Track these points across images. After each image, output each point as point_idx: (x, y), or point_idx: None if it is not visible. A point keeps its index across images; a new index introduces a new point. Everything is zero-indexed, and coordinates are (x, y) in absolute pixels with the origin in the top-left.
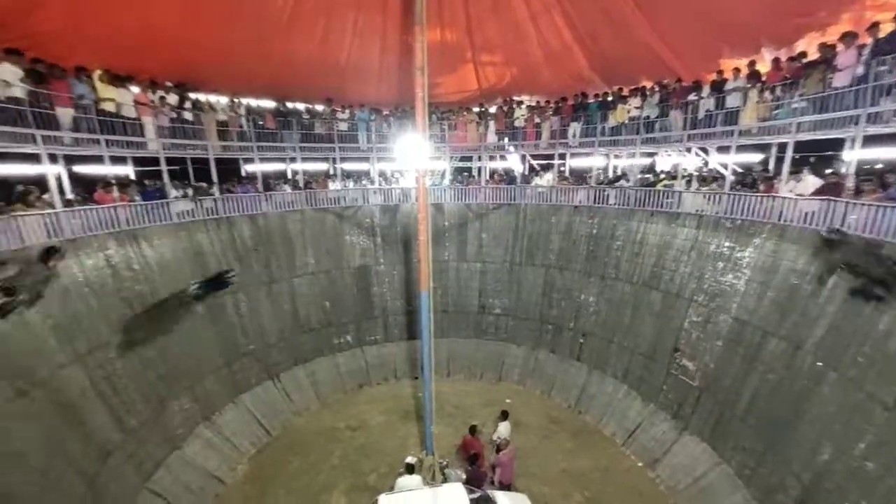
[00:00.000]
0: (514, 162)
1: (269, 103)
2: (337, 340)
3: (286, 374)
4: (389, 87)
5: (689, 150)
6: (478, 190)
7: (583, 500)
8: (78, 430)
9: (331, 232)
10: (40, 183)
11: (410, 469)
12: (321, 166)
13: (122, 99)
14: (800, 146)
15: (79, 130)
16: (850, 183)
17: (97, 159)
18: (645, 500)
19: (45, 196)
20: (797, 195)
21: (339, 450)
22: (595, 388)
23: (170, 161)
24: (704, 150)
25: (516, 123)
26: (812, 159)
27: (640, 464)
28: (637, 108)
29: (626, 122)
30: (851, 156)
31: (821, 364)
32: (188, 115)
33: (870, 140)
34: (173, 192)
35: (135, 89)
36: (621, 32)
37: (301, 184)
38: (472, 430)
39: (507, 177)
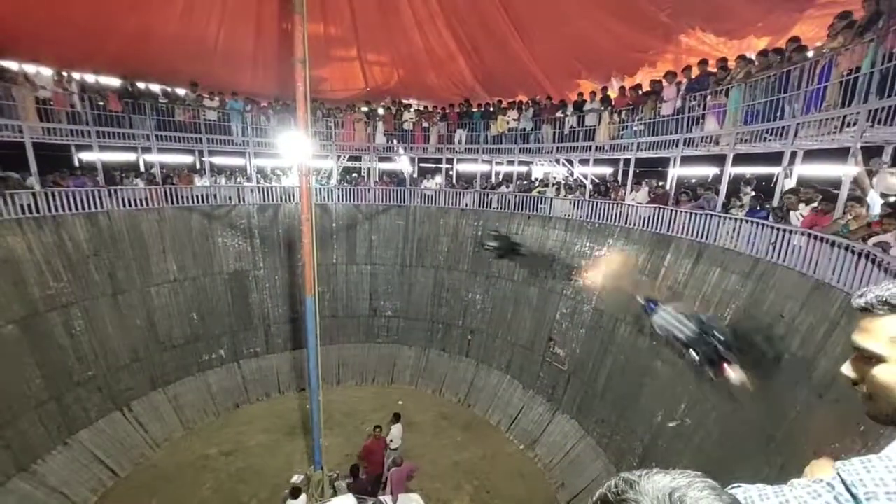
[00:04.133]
0: (403, 164)
1: (113, 81)
2: (207, 356)
3: (140, 402)
4: (267, 77)
5: (557, 161)
6: (367, 191)
7: (472, 489)
8: None
9: (198, 234)
10: None
11: (296, 492)
12: (185, 159)
13: None
14: (641, 162)
15: None
16: (672, 194)
17: None
18: (526, 479)
19: None
20: (637, 203)
21: (210, 480)
22: (482, 381)
23: None
24: (570, 162)
25: (405, 126)
26: (660, 170)
27: (521, 447)
28: (514, 119)
29: (506, 132)
30: (673, 172)
31: (655, 343)
32: None
33: (687, 160)
34: None
35: None
36: (500, 47)
37: (158, 178)
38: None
39: (397, 178)
